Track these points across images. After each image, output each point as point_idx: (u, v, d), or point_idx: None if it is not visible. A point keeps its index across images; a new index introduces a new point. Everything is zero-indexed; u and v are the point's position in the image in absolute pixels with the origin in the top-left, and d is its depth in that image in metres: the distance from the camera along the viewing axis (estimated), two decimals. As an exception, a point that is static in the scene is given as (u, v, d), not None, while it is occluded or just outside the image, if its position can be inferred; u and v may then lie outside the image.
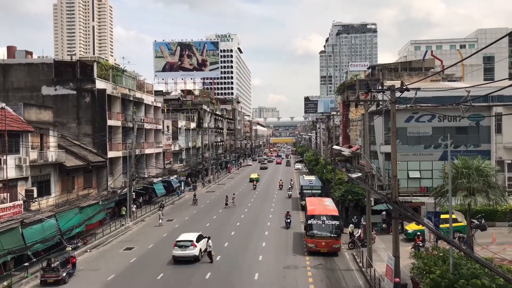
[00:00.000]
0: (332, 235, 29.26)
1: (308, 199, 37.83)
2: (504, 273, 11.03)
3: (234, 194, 54.19)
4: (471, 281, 12.32)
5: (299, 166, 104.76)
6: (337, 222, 29.79)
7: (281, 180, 69.23)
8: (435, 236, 27.04)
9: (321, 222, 29.84)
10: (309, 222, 30.28)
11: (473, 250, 24.53)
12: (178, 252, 28.28)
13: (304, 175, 59.99)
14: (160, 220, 41.15)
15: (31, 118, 31.23)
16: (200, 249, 28.82)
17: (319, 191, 47.96)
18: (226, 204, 50.38)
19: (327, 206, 33.50)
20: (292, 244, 32.69)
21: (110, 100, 43.71)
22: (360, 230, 31.84)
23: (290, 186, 59.61)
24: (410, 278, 21.55)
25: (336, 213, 31.07)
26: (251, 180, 72.42)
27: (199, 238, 29.51)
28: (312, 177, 56.21)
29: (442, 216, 27.49)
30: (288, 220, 38.45)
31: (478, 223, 32.66)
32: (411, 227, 32.51)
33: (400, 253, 19.95)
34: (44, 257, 26.26)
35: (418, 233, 29.84)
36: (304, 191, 48.34)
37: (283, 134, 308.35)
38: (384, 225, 35.21)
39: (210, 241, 29.02)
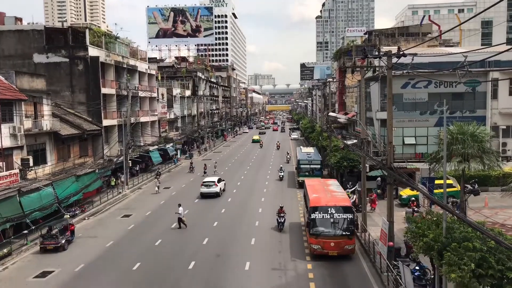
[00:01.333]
0: (344, 233, 22.32)
1: (308, 184, 28.77)
2: (495, 236, 11.26)
3: (215, 162, 54.01)
4: (463, 244, 12.56)
5: (295, 135, 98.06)
6: (350, 216, 22.58)
7: (278, 142, 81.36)
8: (429, 201, 27.46)
9: (329, 217, 22.53)
10: (313, 216, 22.71)
11: (466, 215, 24.97)
12: (204, 189, 38.54)
13: (301, 147, 52.53)
14: (157, 187, 41.40)
15: (24, 86, 30.83)
16: (220, 188, 39.38)
17: (319, 166, 42.17)
18: (205, 173, 49.54)
19: (335, 193, 26.02)
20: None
21: (104, 67, 43.12)
22: (355, 196, 32.22)
23: (280, 171, 47.09)
24: (403, 242, 21.98)
25: (348, 203, 23.85)
26: (254, 141, 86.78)
27: (219, 181, 39.92)
28: (311, 149, 48.98)
29: (437, 182, 27.83)
30: (282, 220, 27.78)
31: (471, 188, 33.15)
32: (405, 192, 32.90)
33: (394, 218, 20.29)
34: (44, 224, 26.55)
35: (413, 198, 30.24)
36: (302, 166, 42.36)
37: (279, 102, 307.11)
38: (379, 191, 35.62)
39: (181, 208, 29.29)
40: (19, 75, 31.06)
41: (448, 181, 28.43)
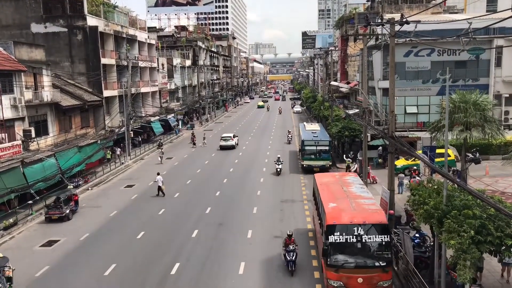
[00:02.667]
0: (378, 264, 15.19)
1: (320, 181, 20.63)
2: (495, 203, 11.35)
3: (204, 134, 53.28)
4: (463, 211, 12.68)
5: (298, 108, 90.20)
6: (386, 239, 15.27)
7: (280, 107, 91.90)
8: (430, 170, 27.62)
9: (355, 240, 15.28)
10: (332, 239, 15.35)
11: (467, 183, 25.13)
12: (222, 143, 47.83)
13: (304, 123, 45.50)
14: (160, 158, 41.50)
15: (23, 57, 30.54)
16: (235, 142, 48.59)
17: (327, 147, 35.42)
18: (194, 144, 49.51)
19: (360, 199, 17.61)
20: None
21: (103, 37, 42.55)
22: (356, 165, 32.37)
23: (278, 162, 35.22)
24: (404, 210, 22.25)
25: (383, 218, 15.90)
26: (260, 107, 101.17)
27: (233, 136, 49.07)
28: (316, 126, 42.87)
29: (438, 151, 27.96)
30: (292, 257, 17.82)
31: (472, 156, 33.20)
32: (400, 162, 33.03)
33: (394, 187, 20.44)
34: (48, 195, 26.86)
35: (415, 167, 30.39)
36: (306, 148, 35.52)
37: (280, 71, 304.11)
38: (380, 160, 35.77)
39: (159, 177, 29.93)
40: (18, 46, 30.71)
41: (449, 151, 28.76)
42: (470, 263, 11.82)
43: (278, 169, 34.96)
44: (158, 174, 30.53)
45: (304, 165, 35.41)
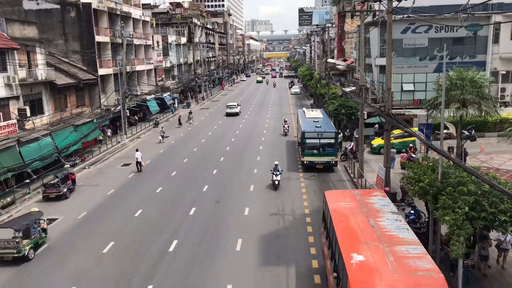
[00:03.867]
0: None
1: (334, 210, 14.43)
2: (490, 180, 11.47)
3: (191, 114, 51.95)
4: (457, 188, 12.81)
5: (296, 89, 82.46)
6: None
7: (274, 82, 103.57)
8: (425, 147, 27.75)
9: None
10: None
11: (466, 160, 25.32)
12: (228, 110, 55.56)
13: (304, 110, 37.98)
14: (161, 137, 40.78)
15: (15, 34, 30.07)
16: (239, 110, 56.04)
17: (333, 140, 29.30)
18: (180, 124, 48.76)
19: (402, 248, 11.39)
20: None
21: (97, 14, 41.90)
22: (352, 143, 32.47)
23: (275, 172, 26.11)
24: (399, 187, 22.45)
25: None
26: (258, 82, 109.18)
27: (237, 105, 56.77)
28: (318, 113, 35.56)
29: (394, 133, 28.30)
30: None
31: (468, 134, 33.35)
32: (376, 141, 33.47)
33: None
34: (45, 174, 26.87)
35: (411, 144, 30.49)
36: (307, 141, 29.29)
37: (277, 49, 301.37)
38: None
39: (138, 153, 31.06)
40: (10, 23, 30.21)
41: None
42: (464, 238, 12.00)
43: (276, 182, 25.42)
44: (137, 150, 31.58)
45: (305, 162, 29.48)
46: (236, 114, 55.32)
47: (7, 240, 17.24)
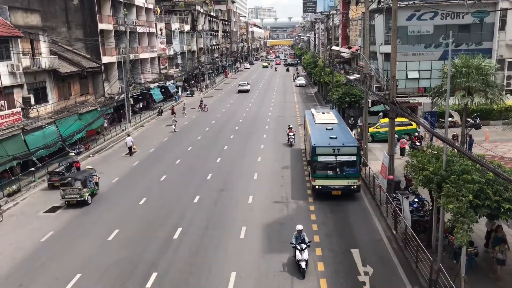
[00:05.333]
0: None
1: None
2: (494, 168, 11.42)
3: (184, 104, 52.69)
4: (462, 176, 12.76)
5: (302, 81, 74.31)
6: None
7: (275, 67, 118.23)
8: (430, 135, 27.67)
9: None
10: None
11: (471, 148, 25.23)
12: (240, 88, 67.12)
13: (313, 111, 30.61)
14: (174, 126, 40.21)
15: (18, 22, 30.01)
16: (248, 87, 66.82)
17: (354, 158, 21.53)
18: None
19: None
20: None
21: (99, 2, 41.71)
22: (354, 131, 32.49)
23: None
24: (403, 175, 22.40)
25: None
26: (264, 67, 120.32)
27: (247, 83, 68.16)
28: (331, 117, 28.03)
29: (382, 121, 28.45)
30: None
31: (473, 122, 33.18)
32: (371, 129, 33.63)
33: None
34: (50, 162, 27.02)
35: (416, 133, 30.41)
36: (319, 159, 21.65)
37: (281, 36, 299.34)
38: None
39: (129, 137, 33.05)
40: (13, 11, 30.14)
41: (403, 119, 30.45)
42: (467, 227, 12.00)
43: (303, 264, 15.09)
44: (128, 135, 33.87)
45: (317, 187, 21.90)
46: (247, 91, 66.46)
47: (72, 187, 22.00)
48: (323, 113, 29.90)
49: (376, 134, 32.66)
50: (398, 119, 31.87)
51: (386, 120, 28.95)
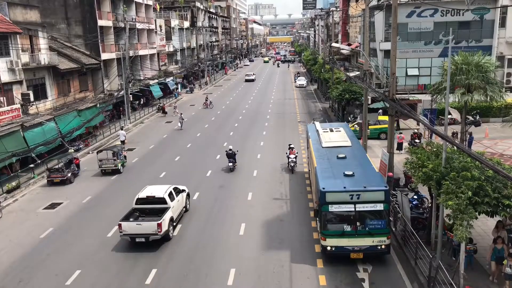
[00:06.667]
0: None
1: None
2: (494, 165, 11.43)
3: (175, 103, 52.31)
4: (461, 173, 12.77)
5: (303, 81, 70.25)
6: None
7: (278, 62, 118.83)
8: (429, 132, 27.66)
9: None
10: None
11: (471, 146, 25.22)
12: (247, 77, 77.92)
13: (317, 124, 24.83)
14: (180, 123, 39.44)
15: (17, 18, 29.94)
16: (254, 77, 78.41)
17: (381, 206, 15.16)
18: (164, 112, 47.33)
19: None
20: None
21: (99, -2, 41.63)
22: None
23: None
24: (403, 172, 22.42)
25: None
26: (265, 62, 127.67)
27: (253, 74, 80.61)
28: (342, 136, 22.16)
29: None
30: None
31: (472, 119, 33.15)
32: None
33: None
34: (49, 159, 27.01)
35: (416, 130, 30.41)
36: (330, 208, 15.29)
37: (281, 33, 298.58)
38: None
39: (122, 131, 34.52)
40: (12, 7, 30.04)
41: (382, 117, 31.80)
42: (467, 223, 12.02)
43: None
44: (121, 128, 35.51)
45: (328, 248, 15.55)
46: (252, 80, 77.46)
47: (108, 158, 26.89)
48: (331, 130, 23.05)
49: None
50: (378, 118, 33.45)
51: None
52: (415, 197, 18.90)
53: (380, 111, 35.24)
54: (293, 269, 15.29)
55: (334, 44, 61.37)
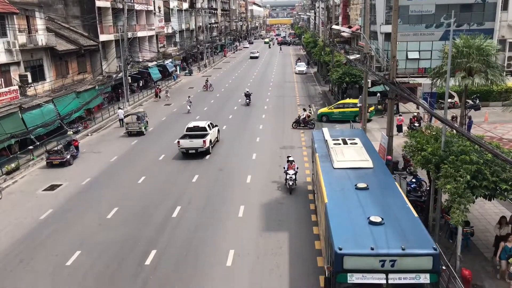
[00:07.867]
0: None
1: None
2: (493, 149, 11.43)
3: (167, 88, 51.14)
4: (460, 157, 12.79)
5: (303, 68, 65.91)
6: None
7: (280, 47, 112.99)
8: (429, 116, 27.63)
9: None
10: None
11: (470, 129, 25.21)
12: (252, 55, 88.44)
13: (325, 131, 19.14)
14: (189, 107, 38.91)
15: (14, -2, 29.56)
16: (258, 55, 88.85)
17: (426, 278, 9.48)
18: (156, 96, 46.63)
19: None
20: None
21: (96, -22, 41.02)
22: (306, 112, 32.96)
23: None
24: (401, 156, 22.47)
25: None
26: (266, 43, 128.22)
27: (257, 52, 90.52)
28: (358, 150, 16.10)
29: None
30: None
31: (472, 103, 33.09)
32: (322, 110, 35.11)
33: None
34: (48, 140, 26.98)
35: (415, 114, 30.36)
36: (350, 278, 9.59)
37: (281, 15, 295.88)
38: (379, 107, 35.64)
39: (121, 110, 35.39)
40: (8, -13, 29.60)
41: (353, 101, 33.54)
42: (464, 207, 12.08)
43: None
44: (120, 108, 36.38)
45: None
46: (256, 57, 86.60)
47: (133, 122, 31.41)
48: (344, 141, 17.09)
49: (330, 115, 33.98)
50: (347, 101, 34.99)
51: (343, 101, 34.82)
52: (414, 180, 18.96)
53: (378, 94, 35.11)
54: (291, 251, 15.40)
55: (334, 27, 60.85)
